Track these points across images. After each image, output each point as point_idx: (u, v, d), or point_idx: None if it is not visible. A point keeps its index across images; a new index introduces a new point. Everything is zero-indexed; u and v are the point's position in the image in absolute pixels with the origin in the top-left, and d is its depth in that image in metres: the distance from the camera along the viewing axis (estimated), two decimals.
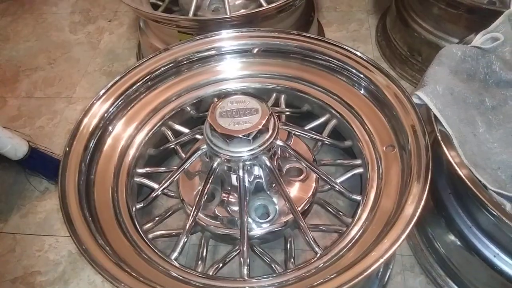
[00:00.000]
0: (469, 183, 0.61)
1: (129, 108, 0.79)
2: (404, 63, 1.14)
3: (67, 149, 0.68)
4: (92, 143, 0.71)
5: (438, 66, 0.75)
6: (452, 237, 0.75)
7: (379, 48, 1.22)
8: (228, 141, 0.62)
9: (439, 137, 0.66)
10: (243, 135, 0.61)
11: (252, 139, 0.62)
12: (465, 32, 0.83)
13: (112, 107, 0.75)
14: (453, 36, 1.00)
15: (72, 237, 0.59)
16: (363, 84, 0.78)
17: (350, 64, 0.78)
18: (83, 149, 0.69)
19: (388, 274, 0.80)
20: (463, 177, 0.62)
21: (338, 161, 0.80)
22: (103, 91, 0.75)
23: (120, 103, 0.77)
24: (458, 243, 0.73)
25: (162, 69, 0.82)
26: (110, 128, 0.76)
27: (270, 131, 0.64)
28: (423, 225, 0.81)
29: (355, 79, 0.79)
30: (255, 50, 0.84)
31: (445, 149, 0.65)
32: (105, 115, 0.74)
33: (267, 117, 0.63)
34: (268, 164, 0.65)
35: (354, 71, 0.78)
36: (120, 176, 0.72)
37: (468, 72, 0.76)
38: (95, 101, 0.74)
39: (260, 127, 0.62)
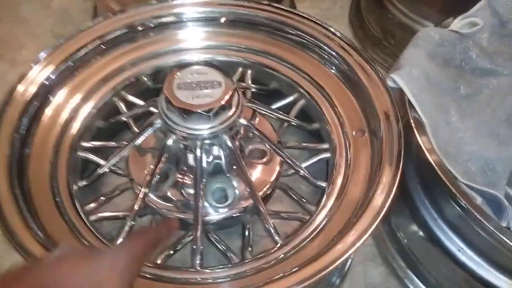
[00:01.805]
0: (439, 172, 0.58)
1: (75, 75, 0.70)
2: (376, 45, 1.10)
3: None
4: (28, 113, 0.62)
5: (415, 48, 0.70)
6: (416, 228, 0.72)
7: (352, 28, 1.17)
8: (185, 116, 0.55)
9: (413, 124, 0.62)
10: (202, 111, 0.55)
11: (213, 115, 0.56)
12: (441, 17, 0.80)
13: (55, 74, 0.67)
14: (428, 20, 0.97)
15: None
16: (335, 63, 0.73)
17: (323, 40, 0.73)
18: (17, 118, 0.60)
19: (348, 264, 0.76)
20: (434, 165, 0.59)
21: (304, 144, 0.75)
22: (44, 54, 0.67)
23: (64, 69, 0.68)
24: (422, 234, 0.71)
25: (117, 33, 0.73)
26: (50, 97, 0.67)
27: (234, 108, 0.58)
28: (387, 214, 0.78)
29: (327, 57, 0.73)
30: (222, 20, 0.77)
31: (418, 136, 0.61)
32: (46, 82, 0.65)
33: (230, 92, 0.57)
34: (229, 144, 0.59)
35: (327, 48, 0.72)
36: (61, 150, 0.64)
37: (445, 57, 0.73)
38: (33, 66, 0.65)
39: (222, 102, 0.56)
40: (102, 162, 0.66)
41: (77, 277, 0.32)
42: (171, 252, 0.60)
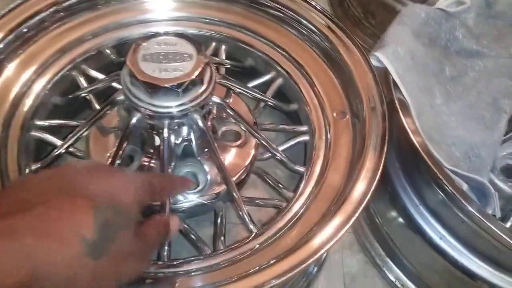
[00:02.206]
0: (424, 155, 0.55)
1: (28, 46, 0.63)
2: (356, 25, 1.06)
3: None
4: None
5: (400, 25, 0.66)
6: (395, 215, 0.69)
7: (331, 7, 1.12)
8: (151, 91, 0.49)
9: (397, 105, 0.58)
10: (171, 85, 0.49)
11: (182, 91, 0.50)
12: None
13: (3, 44, 0.59)
14: None
15: None
16: (316, 40, 0.68)
17: (303, 15, 0.67)
18: None
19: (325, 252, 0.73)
20: (419, 148, 0.55)
21: (281, 126, 0.70)
22: None
23: (14, 38, 0.60)
24: (402, 221, 0.68)
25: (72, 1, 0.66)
26: (5, 63, 0.60)
27: (205, 84, 0.53)
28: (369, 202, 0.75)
29: (307, 33, 0.68)
30: None
31: (402, 117, 0.57)
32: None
33: (202, 65, 0.51)
34: (201, 124, 0.54)
35: (307, 23, 0.67)
36: (11, 129, 0.57)
37: (430, 37, 0.69)
38: None
39: (193, 77, 0.50)
40: (58, 142, 0.59)
41: (99, 184, 0.35)
42: None
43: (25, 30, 0.62)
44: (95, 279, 0.33)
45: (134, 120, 0.53)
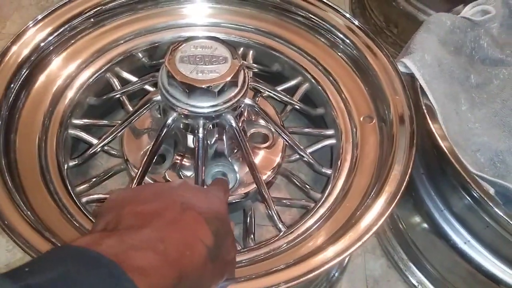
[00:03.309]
0: (452, 160, 0.56)
1: (71, 42, 0.65)
2: (378, 34, 1.07)
3: None
4: (19, 78, 0.58)
5: (427, 33, 0.68)
6: (419, 220, 0.70)
7: (353, 16, 1.13)
8: (188, 92, 0.51)
9: (425, 111, 0.60)
10: (207, 86, 0.51)
11: (218, 92, 0.52)
12: (446, 6, 0.78)
13: (52, 37, 0.62)
14: (433, 8, 0.94)
15: None
16: (344, 48, 0.69)
17: (332, 23, 0.69)
18: (5, 85, 0.55)
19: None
20: (447, 152, 0.56)
21: (308, 129, 0.72)
22: (41, 15, 0.62)
23: (61, 33, 0.63)
24: (426, 226, 0.68)
25: (115, 3, 0.68)
26: (45, 62, 0.62)
27: (239, 86, 0.54)
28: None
29: (336, 41, 0.70)
30: None
31: (430, 122, 0.59)
32: (42, 44, 0.61)
33: (237, 68, 0.53)
34: (234, 124, 0.55)
35: (336, 31, 0.69)
36: (51, 126, 0.59)
37: (456, 45, 0.70)
38: (31, 26, 0.60)
39: (228, 79, 0.52)
40: (94, 141, 0.61)
41: (200, 199, 0.39)
42: None
43: (69, 29, 0.65)
44: (211, 280, 0.37)
45: (169, 120, 0.55)
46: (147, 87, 0.68)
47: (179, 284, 0.31)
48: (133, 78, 0.69)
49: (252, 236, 0.57)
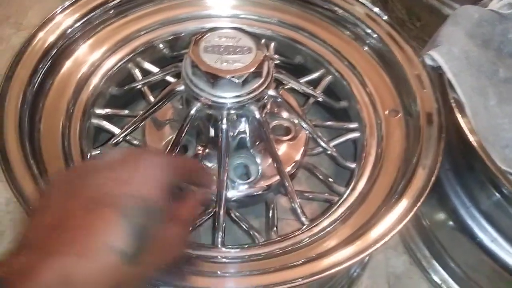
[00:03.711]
0: (482, 154, 0.54)
1: (97, 30, 0.66)
2: (400, 27, 1.03)
3: (11, 72, 0.55)
4: (45, 64, 0.58)
5: (454, 26, 0.66)
6: (444, 217, 0.69)
7: None
8: (212, 82, 0.51)
9: (453, 105, 0.58)
10: (231, 77, 0.50)
11: (242, 82, 0.51)
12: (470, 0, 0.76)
13: (79, 23, 0.62)
14: (458, 2, 0.91)
15: (8, 181, 0.47)
16: (369, 40, 0.68)
17: (357, 16, 0.68)
18: (32, 70, 0.56)
19: None
20: (477, 147, 0.55)
21: (330, 123, 0.71)
22: (68, 2, 0.62)
23: (87, 21, 0.64)
24: (451, 223, 0.67)
25: None
26: (72, 48, 0.63)
27: (263, 77, 0.54)
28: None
29: (361, 34, 0.69)
30: None
31: (459, 117, 0.57)
32: (69, 31, 0.61)
33: (261, 59, 0.52)
34: (258, 116, 0.55)
35: (361, 24, 0.68)
36: (74, 114, 0.59)
37: (483, 38, 0.68)
38: (59, 12, 0.61)
39: (252, 69, 0.51)
40: (116, 130, 0.61)
41: (123, 184, 0.33)
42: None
43: (94, 16, 0.65)
44: (140, 276, 0.34)
45: (193, 111, 0.54)
46: (168, 78, 0.67)
47: None
48: (154, 69, 0.69)
49: (275, 229, 0.57)
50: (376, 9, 0.68)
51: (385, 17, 0.67)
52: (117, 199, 0.32)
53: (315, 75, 0.71)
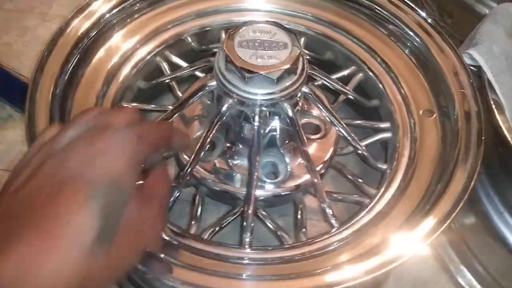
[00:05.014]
0: None
1: (130, 20, 0.65)
2: None
3: (40, 66, 0.54)
4: (77, 53, 0.57)
5: (494, 24, 0.64)
6: (474, 221, 0.67)
7: None
8: (247, 78, 0.50)
9: (493, 106, 0.56)
10: (267, 73, 0.49)
11: (277, 79, 0.50)
12: None
13: (115, 10, 0.62)
14: (493, 0, 0.89)
15: None
16: (405, 38, 0.66)
17: (394, 13, 0.66)
18: (63, 60, 0.55)
19: None
20: None
21: (360, 121, 0.69)
22: None
23: (122, 8, 0.63)
24: (482, 228, 0.65)
25: None
26: (106, 36, 0.63)
27: (298, 74, 0.52)
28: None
29: (396, 31, 0.67)
30: None
31: (498, 117, 0.55)
32: (105, 17, 0.61)
33: (297, 55, 0.51)
34: (290, 114, 0.53)
35: (398, 22, 0.66)
36: (103, 107, 0.59)
37: None
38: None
39: (288, 66, 0.50)
40: None
41: (89, 161, 0.31)
42: (217, 228, 0.55)
43: (128, 5, 0.65)
44: (112, 272, 0.31)
45: (224, 108, 0.53)
46: (197, 73, 0.66)
47: None
48: (182, 63, 0.68)
49: (304, 230, 0.55)
50: (415, 7, 0.65)
51: (430, 20, 0.65)
52: (84, 174, 0.29)
53: (345, 72, 0.69)
